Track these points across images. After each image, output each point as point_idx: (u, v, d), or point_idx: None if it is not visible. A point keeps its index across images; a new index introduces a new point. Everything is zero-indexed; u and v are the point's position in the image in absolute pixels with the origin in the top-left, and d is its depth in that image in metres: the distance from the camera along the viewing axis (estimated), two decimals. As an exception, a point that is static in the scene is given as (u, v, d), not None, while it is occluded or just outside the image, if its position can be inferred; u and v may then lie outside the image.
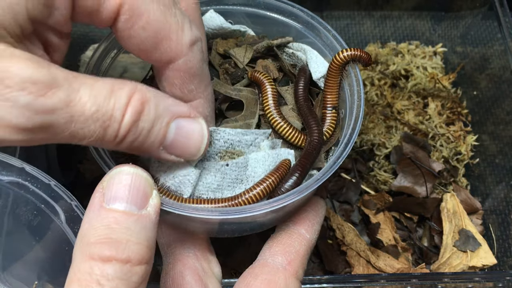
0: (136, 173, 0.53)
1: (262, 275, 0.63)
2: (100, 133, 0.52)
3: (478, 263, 0.95)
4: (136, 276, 0.49)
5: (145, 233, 0.51)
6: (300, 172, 0.64)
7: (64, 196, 0.65)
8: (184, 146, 0.59)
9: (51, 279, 0.72)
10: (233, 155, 0.66)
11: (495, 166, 1.11)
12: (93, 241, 0.49)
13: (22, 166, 0.65)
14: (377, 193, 1.07)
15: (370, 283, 0.85)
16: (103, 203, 0.51)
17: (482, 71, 1.18)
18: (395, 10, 1.31)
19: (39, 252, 0.73)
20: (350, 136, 0.66)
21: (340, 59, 0.69)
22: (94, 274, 0.47)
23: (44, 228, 0.68)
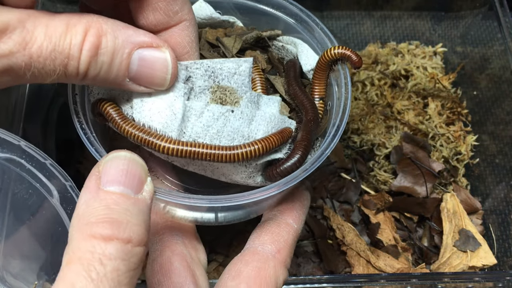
0: (132, 159, 0.54)
1: (253, 262, 0.64)
2: (61, 71, 0.53)
3: (478, 263, 0.95)
4: (136, 257, 0.49)
5: (142, 217, 0.51)
6: (303, 150, 0.64)
7: (59, 176, 0.65)
8: (149, 76, 0.60)
9: (51, 279, 0.72)
10: (225, 91, 0.65)
11: (495, 166, 1.11)
12: (93, 220, 0.48)
13: (19, 143, 0.64)
14: (377, 193, 1.07)
15: (370, 283, 0.85)
16: (100, 186, 0.51)
17: (482, 71, 1.18)
18: (395, 10, 1.31)
19: (42, 247, 0.72)
20: (338, 127, 0.67)
21: (330, 55, 0.70)
22: (96, 252, 0.47)
23: (38, 207, 0.67)
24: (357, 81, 1.20)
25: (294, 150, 0.65)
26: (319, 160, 0.64)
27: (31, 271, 0.72)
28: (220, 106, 0.64)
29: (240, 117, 0.64)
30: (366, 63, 1.23)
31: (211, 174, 0.66)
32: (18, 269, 0.71)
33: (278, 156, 0.66)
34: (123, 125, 0.62)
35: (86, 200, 0.50)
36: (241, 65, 0.67)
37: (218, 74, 0.65)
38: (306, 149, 0.64)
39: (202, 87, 0.65)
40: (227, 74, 0.66)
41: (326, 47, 0.74)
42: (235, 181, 0.66)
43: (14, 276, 0.70)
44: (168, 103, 0.62)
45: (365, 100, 1.17)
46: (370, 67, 1.22)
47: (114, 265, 0.47)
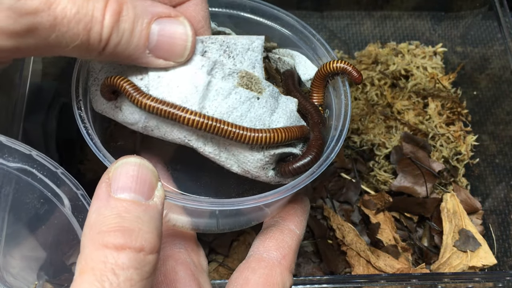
0: (141, 164, 0.53)
1: (260, 270, 0.64)
2: (84, 37, 0.54)
3: (478, 263, 0.95)
4: (149, 265, 0.48)
5: (154, 223, 0.50)
6: (318, 148, 0.65)
7: (71, 184, 0.65)
8: (169, 46, 0.60)
9: (51, 279, 0.72)
10: (251, 79, 0.65)
11: (495, 166, 1.11)
12: (105, 229, 0.48)
13: (30, 152, 0.64)
14: (377, 193, 1.07)
15: (370, 283, 0.85)
16: (110, 193, 0.50)
17: (482, 71, 1.18)
18: (395, 10, 1.31)
19: (42, 247, 0.72)
20: (340, 133, 0.68)
21: (330, 69, 0.70)
22: (109, 263, 0.46)
23: (50, 216, 0.67)
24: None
25: (309, 149, 0.65)
26: (324, 165, 0.65)
27: (31, 271, 0.72)
28: (248, 91, 0.64)
29: (264, 105, 0.64)
30: (366, 63, 1.23)
31: (224, 159, 0.65)
32: (18, 269, 0.71)
33: (293, 150, 0.66)
34: (142, 100, 0.61)
35: (97, 208, 0.50)
36: (254, 41, 0.67)
37: (233, 49, 0.66)
38: (320, 148, 0.65)
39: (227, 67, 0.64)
40: (241, 50, 0.66)
41: (324, 57, 0.74)
42: (247, 170, 0.65)
43: (14, 276, 0.70)
44: (188, 77, 0.62)
45: (365, 100, 1.17)
46: (370, 67, 1.22)
47: (127, 275, 0.46)
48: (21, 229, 0.71)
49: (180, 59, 0.61)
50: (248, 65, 0.67)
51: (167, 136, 0.64)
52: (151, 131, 0.65)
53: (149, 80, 0.62)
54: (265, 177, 0.66)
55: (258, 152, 0.64)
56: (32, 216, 0.68)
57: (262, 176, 0.66)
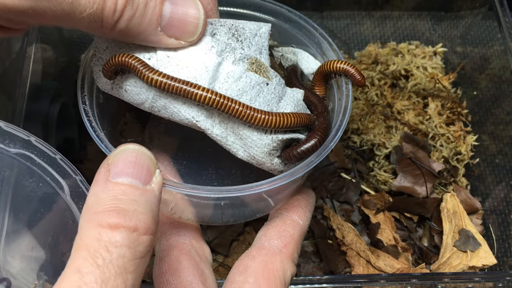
0: (140, 151, 0.54)
1: (260, 257, 0.64)
2: (100, 5, 0.53)
3: (478, 263, 0.95)
4: (142, 245, 0.49)
5: (150, 206, 0.51)
6: (322, 132, 0.65)
7: (70, 170, 0.66)
8: (181, 25, 0.60)
9: (51, 279, 0.72)
10: (260, 66, 0.66)
11: (495, 166, 1.11)
12: (100, 210, 0.49)
13: (29, 138, 0.65)
14: (377, 193, 1.07)
15: (370, 283, 0.85)
16: (109, 177, 0.52)
17: (482, 71, 1.18)
18: (395, 10, 1.31)
19: (42, 247, 0.73)
20: (340, 122, 0.68)
21: (332, 68, 0.70)
22: (103, 240, 0.47)
23: (48, 201, 0.68)
24: (357, 81, 1.20)
25: (314, 132, 0.65)
26: (324, 153, 0.65)
27: (31, 271, 0.72)
28: (258, 76, 0.64)
29: (272, 92, 0.64)
30: (366, 63, 1.23)
31: (231, 143, 0.65)
32: (18, 269, 0.71)
33: (300, 136, 0.66)
34: (153, 76, 0.61)
35: (95, 192, 0.51)
36: (261, 27, 0.68)
37: (241, 33, 0.66)
38: (324, 131, 0.65)
39: (238, 52, 0.65)
40: (249, 34, 0.67)
41: (328, 52, 0.75)
42: (252, 156, 0.65)
43: (14, 276, 0.70)
44: (198, 57, 0.62)
45: (365, 100, 1.17)
46: (370, 67, 1.22)
47: (120, 252, 0.47)
48: (21, 228, 0.71)
49: (191, 38, 0.61)
50: (255, 50, 0.67)
51: (175, 117, 0.64)
52: (158, 112, 0.64)
53: (158, 60, 0.62)
54: (270, 164, 0.66)
55: (267, 136, 0.63)
56: (31, 201, 0.69)
57: (267, 163, 0.65)
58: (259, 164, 0.66)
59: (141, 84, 0.63)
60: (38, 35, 0.98)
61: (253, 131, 0.63)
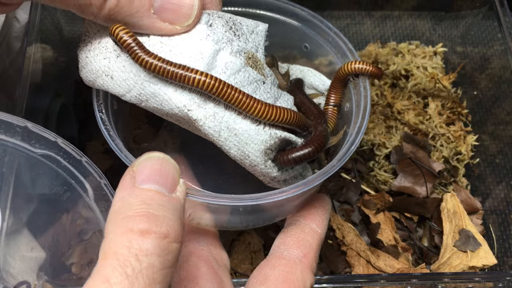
0: (165, 159, 0.54)
1: (280, 267, 0.63)
2: None
3: (478, 263, 0.95)
4: (172, 254, 0.48)
5: (177, 213, 0.51)
6: (318, 143, 0.64)
7: (94, 173, 0.65)
8: (175, 8, 0.58)
9: (50, 279, 0.72)
10: (256, 62, 0.64)
11: (495, 166, 1.10)
12: (130, 214, 0.48)
13: (56, 139, 0.65)
14: (377, 193, 1.07)
15: (370, 283, 0.85)
16: (135, 184, 0.51)
17: (482, 71, 1.18)
18: (395, 10, 1.31)
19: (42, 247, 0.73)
20: (358, 129, 0.68)
21: (348, 70, 0.70)
22: (133, 248, 0.46)
23: (72, 203, 0.68)
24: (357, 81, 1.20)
25: (311, 141, 0.65)
26: (343, 159, 0.64)
27: (31, 271, 0.72)
28: (255, 72, 0.63)
29: (268, 91, 0.63)
30: (366, 63, 1.23)
31: (224, 139, 0.62)
32: (18, 269, 0.71)
33: (296, 139, 0.65)
34: (146, 58, 0.58)
35: (122, 197, 0.50)
36: (258, 25, 0.67)
37: (239, 28, 0.64)
38: (321, 142, 0.65)
39: (235, 44, 0.63)
40: (246, 30, 0.65)
41: (339, 49, 0.75)
42: (246, 154, 0.62)
43: (14, 276, 0.70)
44: (193, 44, 0.60)
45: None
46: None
47: (150, 261, 0.46)
48: (21, 228, 0.71)
49: (187, 23, 0.60)
50: (252, 47, 0.65)
51: (164, 106, 0.61)
52: (146, 101, 0.62)
53: (150, 45, 0.61)
54: (263, 166, 0.64)
55: (265, 131, 0.62)
56: (53, 203, 0.69)
57: (260, 164, 0.63)
58: (252, 165, 0.64)
59: (130, 68, 0.60)
60: (38, 35, 0.98)
61: (250, 125, 0.61)
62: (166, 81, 0.60)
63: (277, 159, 0.65)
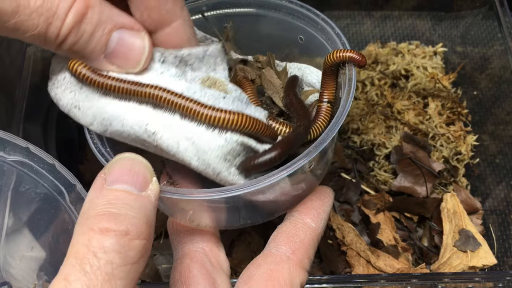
0: (135, 159, 0.55)
1: (265, 265, 0.62)
2: (43, 28, 0.55)
3: (478, 263, 0.95)
4: (134, 250, 0.49)
5: (144, 211, 0.51)
6: (282, 148, 0.63)
7: (68, 177, 0.66)
8: (125, 56, 0.61)
9: (51, 279, 0.72)
10: (214, 83, 0.65)
11: (495, 166, 1.11)
12: (93, 214, 0.49)
13: (27, 145, 0.65)
14: (377, 193, 1.07)
15: (370, 283, 0.85)
16: (104, 185, 0.52)
17: (482, 71, 1.18)
18: (395, 10, 1.31)
19: (42, 247, 0.73)
20: (345, 102, 0.66)
21: (331, 59, 0.70)
22: (92, 246, 0.47)
23: (48, 207, 0.68)
24: (357, 81, 1.20)
25: (276, 144, 0.64)
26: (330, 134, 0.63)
27: (31, 271, 0.72)
28: (214, 90, 0.64)
29: (230, 105, 0.63)
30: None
31: (183, 150, 0.62)
32: (18, 269, 0.71)
33: (258, 146, 0.64)
34: (98, 79, 0.61)
35: (90, 199, 0.52)
36: (208, 48, 0.67)
37: (188, 59, 0.66)
38: (288, 146, 0.63)
39: (188, 74, 0.65)
40: (195, 59, 0.66)
41: (335, 42, 0.75)
42: (208, 163, 0.62)
43: (14, 276, 0.70)
44: (150, 79, 0.63)
45: (365, 100, 1.17)
46: (370, 67, 1.22)
47: (109, 258, 0.47)
48: (21, 228, 0.71)
49: (133, 70, 0.63)
50: (207, 70, 0.67)
51: (125, 125, 0.62)
52: (110, 125, 0.63)
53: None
54: (227, 173, 0.63)
55: (220, 136, 0.61)
56: (31, 209, 0.69)
57: (224, 171, 0.62)
58: (216, 173, 0.63)
59: (92, 96, 0.63)
60: (38, 35, 0.98)
61: (205, 131, 0.61)
62: (124, 101, 0.63)
63: (241, 167, 0.64)
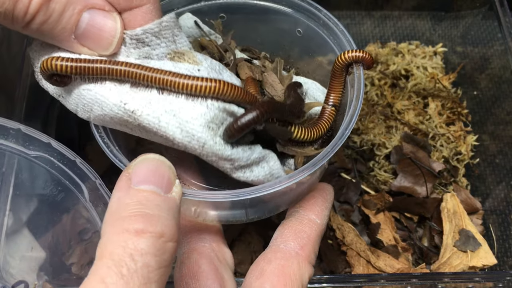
0: (160, 160, 0.55)
1: (276, 260, 0.63)
2: (10, 5, 0.53)
3: (478, 263, 0.95)
4: (167, 253, 0.49)
5: (173, 213, 0.51)
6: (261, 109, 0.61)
7: (89, 174, 0.66)
8: (96, 37, 0.60)
9: (50, 279, 0.72)
10: (183, 55, 0.64)
11: (495, 166, 1.11)
12: (125, 215, 0.49)
13: (49, 141, 0.65)
14: (377, 193, 1.07)
15: (370, 283, 0.85)
16: (131, 185, 0.52)
17: (482, 71, 1.18)
18: (395, 10, 1.31)
19: (42, 247, 0.73)
20: (354, 107, 0.66)
21: (343, 60, 0.70)
22: (128, 248, 0.46)
23: (67, 204, 0.68)
24: (357, 81, 1.20)
25: (254, 106, 0.62)
26: (341, 140, 0.63)
27: (31, 271, 0.72)
28: (186, 63, 0.62)
29: (205, 76, 0.61)
30: (366, 63, 1.23)
31: (165, 124, 0.60)
32: (18, 269, 0.71)
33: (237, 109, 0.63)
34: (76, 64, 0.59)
35: (118, 198, 0.51)
36: (162, 21, 0.64)
37: (144, 38, 0.63)
38: (269, 105, 0.62)
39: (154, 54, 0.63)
40: (152, 37, 0.64)
41: (342, 45, 0.75)
42: (191, 134, 0.60)
43: (14, 276, 0.70)
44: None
45: (365, 100, 1.17)
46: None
47: (145, 261, 0.46)
48: (21, 228, 0.71)
49: (104, 52, 0.61)
50: (167, 43, 0.64)
51: (105, 108, 0.61)
52: (91, 111, 0.62)
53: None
54: (212, 143, 0.60)
55: (201, 104, 0.59)
56: (49, 204, 0.69)
57: (209, 141, 0.60)
58: (201, 145, 0.60)
59: (72, 84, 0.62)
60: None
61: (186, 101, 0.59)
62: (99, 84, 0.61)
63: (225, 133, 0.62)
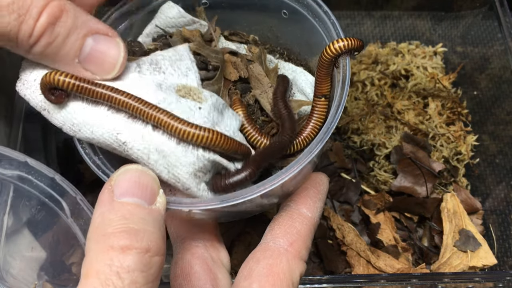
0: (143, 171, 0.54)
1: (264, 260, 0.62)
2: (15, 27, 0.53)
3: (478, 263, 0.95)
4: (154, 268, 0.48)
5: (158, 226, 0.51)
6: (252, 169, 0.62)
7: (69, 189, 0.65)
8: (99, 62, 0.60)
9: (50, 279, 0.73)
10: (189, 91, 0.64)
11: (495, 166, 1.10)
12: (110, 231, 0.48)
13: (25, 160, 0.65)
14: (377, 193, 1.07)
15: (370, 283, 0.85)
16: (113, 198, 0.51)
17: (482, 71, 1.18)
18: (395, 10, 1.31)
19: (42, 247, 0.73)
20: (340, 96, 0.65)
21: (332, 51, 0.68)
22: (114, 265, 0.46)
23: (48, 222, 0.68)
24: (357, 81, 1.20)
25: (247, 164, 0.62)
26: (324, 138, 0.62)
27: (31, 271, 0.72)
28: (189, 100, 0.63)
29: (205, 116, 0.62)
30: (366, 63, 1.23)
31: (153, 162, 0.60)
32: (18, 269, 0.71)
33: (229, 165, 0.63)
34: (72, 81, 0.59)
35: (101, 213, 0.50)
36: (180, 50, 0.67)
37: (162, 65, 0.66)
38: (255, 168, 0.62)
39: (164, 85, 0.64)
40: (168, 62, 0.66)
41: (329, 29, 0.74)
42: (177, 177, 0.61)
43: (14, 276, 0.70)
44: (125, 89, 0.62)
45: (365, 100, 1.17)
46: (370, 67, 1.22)
47: (132, 278, 0.46)
48: (21, 229, 0.71)
49: (107, 76, 0.62)
50: (180, 75, 0.66)
51: (96, 133, 0.61)
52: (79, 131, 0.62)
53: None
54: (196, 189, 0.62)
55: (192, 153, 0.60)
56: (30, 223, 0.69)
57: (193, 187, 0.61)
58: (185, 188, 0.61)
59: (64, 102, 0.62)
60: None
61: (177, 146, 0.60)
62: (95, 108, 0.61)
63: (211, 184, 0.63)
